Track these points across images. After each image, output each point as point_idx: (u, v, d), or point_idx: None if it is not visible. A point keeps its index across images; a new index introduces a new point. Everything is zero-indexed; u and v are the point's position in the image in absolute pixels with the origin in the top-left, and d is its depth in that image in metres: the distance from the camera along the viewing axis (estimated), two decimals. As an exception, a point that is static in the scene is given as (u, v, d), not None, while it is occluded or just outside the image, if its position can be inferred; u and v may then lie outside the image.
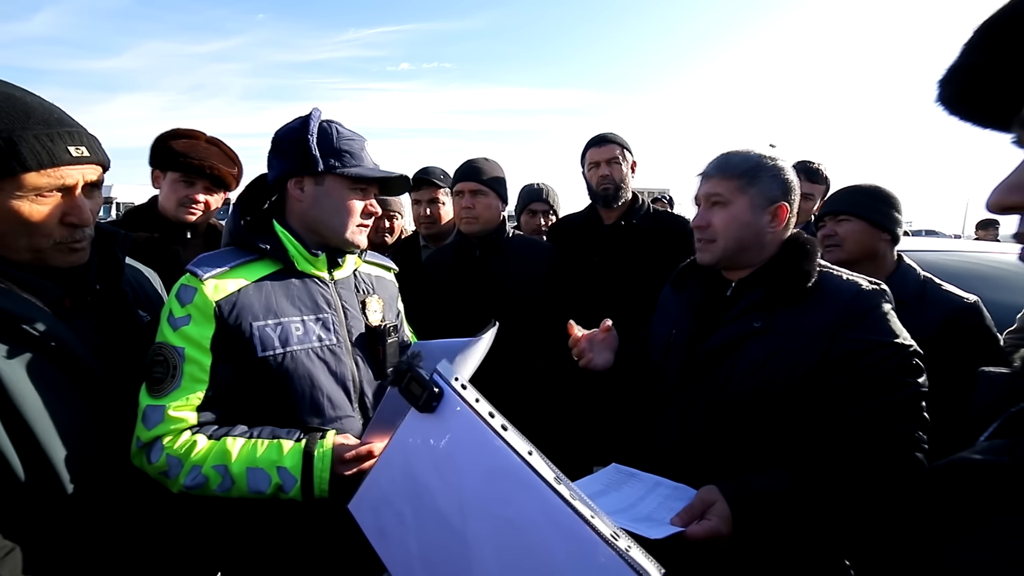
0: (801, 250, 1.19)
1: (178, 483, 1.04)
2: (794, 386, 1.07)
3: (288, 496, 1.06)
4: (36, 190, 0.89)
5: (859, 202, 1.71)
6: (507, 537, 0.77)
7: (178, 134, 1.85)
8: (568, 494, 0.74)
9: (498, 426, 0.81)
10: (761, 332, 1.12)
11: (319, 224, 1.21)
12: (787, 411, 1.08)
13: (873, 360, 1.03)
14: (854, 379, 1.03)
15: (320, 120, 1.19)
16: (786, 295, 1.12)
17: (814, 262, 1.16)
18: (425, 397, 0.87)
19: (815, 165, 2.55)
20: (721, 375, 1.15)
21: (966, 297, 1.59)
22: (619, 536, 0.70)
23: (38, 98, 0.94)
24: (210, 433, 1.08)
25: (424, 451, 0.88)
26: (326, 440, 1.09)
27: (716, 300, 1.26)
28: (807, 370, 1.06)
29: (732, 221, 1.18)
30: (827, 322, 1.07)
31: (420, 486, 0.88)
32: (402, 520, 0.89)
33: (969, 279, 1.98)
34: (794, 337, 1.09)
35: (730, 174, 1.19)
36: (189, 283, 1.10)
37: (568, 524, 0.72)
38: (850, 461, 1.01)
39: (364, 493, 0.95)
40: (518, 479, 0.77)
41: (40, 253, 0.95)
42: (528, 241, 2.08)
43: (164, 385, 1.05)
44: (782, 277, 1.15)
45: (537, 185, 2.74)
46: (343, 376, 1.20)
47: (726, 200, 1.19)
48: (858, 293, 1.09)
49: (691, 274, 1.37)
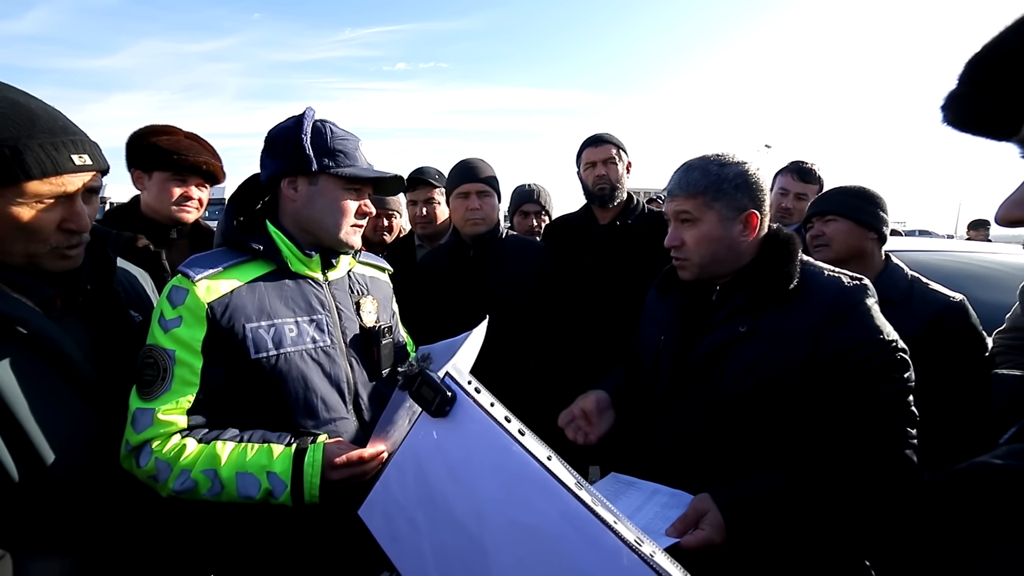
0: (782, 250, 1.18)
1: (167, 487, 1.03)
2: (783, 387, 1.07)
3: (278, 501, 1.05)
4: (37, 197, 0.89)
5: (845, 202, 1.74)
6: (528, 543, 0.76)
7: (156, 131, 1.78)
8: (590, 500, 0.73)
9: (515, 431, 0.80)
10: (747, 336, 1.12)
11: (313, 224, 1.20)
12: (778, 412, 1.08)
13: (858, 358, 1.03)
14: (841, 378, 1.04)
15: (314, 119, 1.19)
16: (770, 298, 1.12)
17: (795, 262, 1.16)
18: (438, 401, 0.85)
19: (808, 165, 2.57)
20: (711, 381, 1.15)
21: (953, 296, 1.61)
22: (643, 542, 0.69)
23: (42, 104, 0.94)
24: (200, 437, 1.07)
25: (438, 456, 0.86)
26: (317, 445, 1.08)
27: (702, 304, 1.26)
28: (795, 371, 1.07)
29: (703, 238, 1.17)
30: (812, 322, 1.07)
31: (434, 492, 0.86)
32: (415, 526, 0.88)
33: (960, 279, 2.00)
34: (780, 339, 1.09)
35: (693, 191, 1.17)
36: (181, 284, 1.09)
37: (591, 530, 0.71)
38: (840, 460, 1.01)
39: (375, 499, 0.94)
40: (539, 485, 0.76)
41: (35, 258, 0.95)
42: (522, 241, 2.07)
43: (154, 388, 1.04)
44: (765, 280, 1.14)
45: (529, 186, 2.74)
46: (337, 378, 1.19)
47: (694, 218, 1.18)
48: (840, 291, 1.09)
49: (675, 278, 1.36)
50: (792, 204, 2.57)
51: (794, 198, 2.57)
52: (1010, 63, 0.45)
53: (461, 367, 0.90)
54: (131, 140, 1.77)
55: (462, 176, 1.94)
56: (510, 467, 0.79)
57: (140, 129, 1.79)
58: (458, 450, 0.85)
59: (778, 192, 2.63)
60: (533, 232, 2.63)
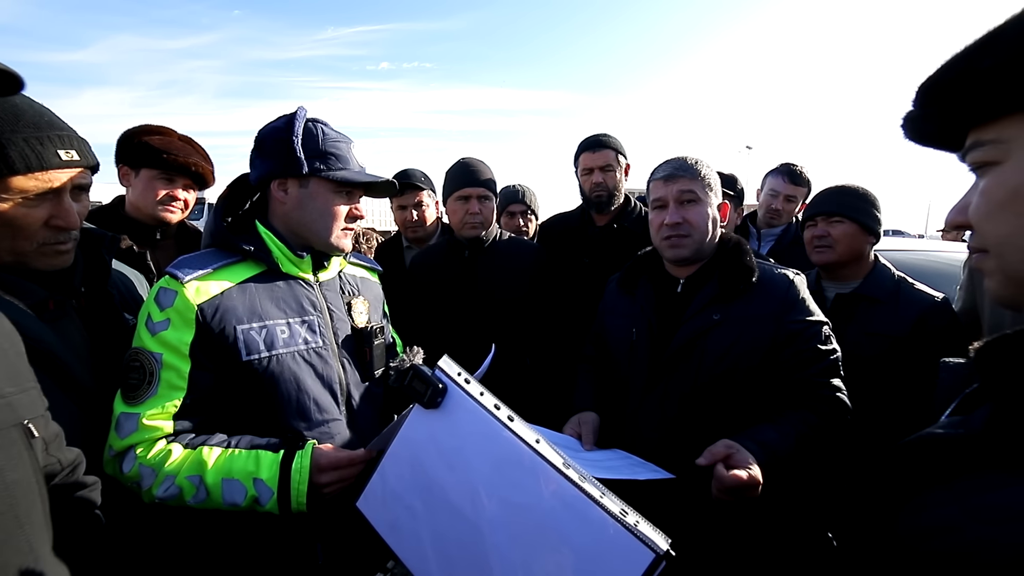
0: (737, 247, 1.37)
1: (150, 494, 1.01)
2: (755, 364, 1.26)
3: (264, 509, 1.03)
4: (23, 193, 0.88)
5: (852, 204, 1.73)
6: (521, 522, 0.81)
7: (150, 130, 1.75)
8: (577, 477, 0.78)
9: (504, 417, 0.85)
10: (720, 324, 1.28)
11: (303, 228, 1.18)
12: (752, 384, 1.27)
13: (809, 335, 1.27)
14: (799, 352, 1.26)
15: (306, 120, 1.16)
16: (736, 289, 1.29)
17: (751, 257, 1.34)
18: (429, 394, 0.89)
19: (798, 168, 2.64)
20: (692, 365, 1.29)
21: (936, 295, 1.65)
22: (628, 512, 0.74)
23: (28, 100, 0.92)
24: (186, 442, 1.05)
25: (431, 446, 0.90)
26: (305, 451, 1.06)
27: (667, 297, 1.40)
28: (763, 350, 1.26)
29: (704, 217, 1.33)
30: (772, 310, 1.28)
31: (430, 479, 0.90)
32: (413, 513, 0.91)
33: (935, 277, 2.06)
34: (748, 325, 1.27)
35: (695, 175, 1.33)
36: (169, 286, 1.06)
37: (579, 505, 0.76)
38: (815, 409, 1.23)
39: (372, 490, 0.98)
40: (528, 466, 0.81)
41: (23, 256, 0.93)
42: (515, 242, 2.06)
43: (139, 392, 1.02)
44: (731, 274, 1.31)
45: (515, 187, 2.75)
46: (330, 379, 1.18)
47: (698, 197, 1.33)
48: (791, 283, 1.31)
49: (639, 274, 1.49)
50: (782, 206, 2.63)
51: (784, 200, 2.63)
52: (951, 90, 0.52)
53: (452, 364, 0.93)
54: (123, 137, 1.74)
55: (464, 179, 1.90)
56: (501, 451, 0.84)
57: (134, 127, 1.76)
58: (451, 438, 0.89)
59: (768, 193, 2.68)
60: (520, 232, 2.63)
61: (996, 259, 0.53)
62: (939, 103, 0.55)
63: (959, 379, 0.79)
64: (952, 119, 0.55)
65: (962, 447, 0.52)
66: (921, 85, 0.56)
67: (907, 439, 0.58)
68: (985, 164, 0.52)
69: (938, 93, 0.55)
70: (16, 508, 0.65)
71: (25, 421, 0.71)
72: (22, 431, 0.70)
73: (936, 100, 0.55)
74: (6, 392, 0.69)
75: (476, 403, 0.87)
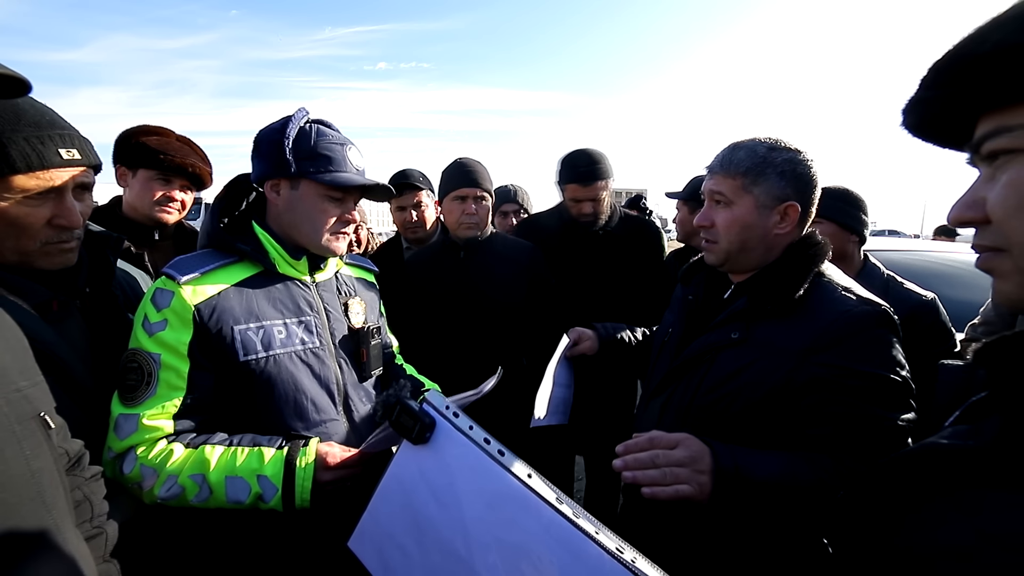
0: (802, 257, 1.10)
1: (152, 494, 1.00)
2: (757, 401, 1.02)
3: (268, 506, 1.03)
4: (24, 192, 0.88)
5: (831, 205, 1.75)
6: (515, 560, 0.78)
7: (148, 131, 1.75)
8: (571, 513, 0.75)
9: (495, 452, 0.82)
10: (737, 344, 1.07)
11: (293, 229, 1.18)
12: (747, 424, 1.03)
13: (848, 388, 0.95)
14: (823, 404, 0.97)
15: (304, 121, 1.16)
16: (768, 307, 1.05)
17: (810, 272, 1.07)
18: (418, 429, 0.87)
19: None
20: (695, 381, 1.12)
21: (924, 294, 1.67)
22: (624, 549, 0.72)
23: (30, 99, 0.92)
24: (187, 441, 1.05)
25: (421, 483, 0.88)
26: (309, 448, 1.06)
27: (714, 301, 1.23)
28: (771, 387, 1.01)
29: (734, 223, 1.11)
30: (801, 342, 1.00)
31: (421, 518, 0.87)
32: (405, 553, 0.89)
33: (929, 277, 2.08)
34: (767, 353, 1.03)
35: (733, 172, 1.10)
36: (165, 286, 1.06)
37: (574, 542, 0.73)
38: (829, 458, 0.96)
39: (363, 529, 0.95)
40: (521, 503, 0.78)
41: (26, 255, 0.93)
42: (512, 242, 2.06)
43: (138, 393, 1.02)
44: (768, 287, 1.07)
45: (508, 186, 2.74)
46: (327, 379, 1.18)
47: (728, 200, 1.11)
48: (841, 314, 0.99)
49: (698, 270, 1.32)
50: None
51: None
52: (975, 67, 0.46)
53: (440, 396, 0.92)
54: (121, 137, 1.74)
55: (461, 179, 1.90)
56: (493, 487, 0.81)
57: (132, 127, 1.75)
58: (441, 475, 0.86)
59: None
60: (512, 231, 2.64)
61: (1019, 259, 0.47)
62: (957, 82, 0.48)
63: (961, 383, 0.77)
64: (967, 102, 0.49)
65: (972, 460, 0.48)
66: (936, 62, 0.50)
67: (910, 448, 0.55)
68: (1010, 152, 0.46)
69: (958, 71, 0.48)
70: (43, 494, 0.67)
71: (41, 413, 0.72)
72: (40, 422, 0.71)
73: (954, 79, 0.49)
74: (21, 385, 0.70)
75: (466, 437, 0.84)
